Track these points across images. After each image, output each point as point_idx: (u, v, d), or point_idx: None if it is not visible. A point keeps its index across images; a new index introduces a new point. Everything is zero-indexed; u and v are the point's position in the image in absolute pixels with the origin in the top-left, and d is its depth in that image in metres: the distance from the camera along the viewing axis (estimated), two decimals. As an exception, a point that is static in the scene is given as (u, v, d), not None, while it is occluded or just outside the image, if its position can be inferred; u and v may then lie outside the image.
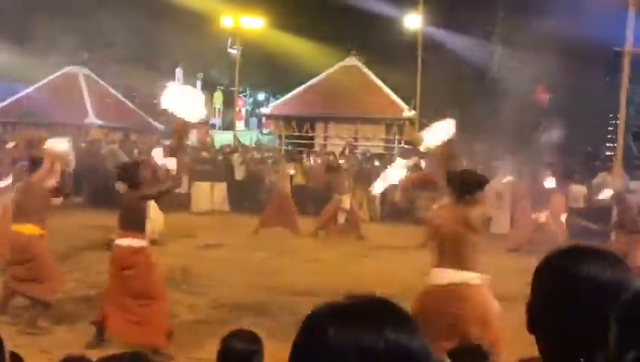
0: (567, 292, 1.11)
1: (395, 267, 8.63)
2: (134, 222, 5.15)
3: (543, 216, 10.87)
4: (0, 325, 5.30)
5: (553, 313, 1.13)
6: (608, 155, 19.30)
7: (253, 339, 2.74)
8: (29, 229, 5.84)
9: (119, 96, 23.34)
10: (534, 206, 11.11)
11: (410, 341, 0.84)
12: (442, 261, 4.11)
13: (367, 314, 0.85)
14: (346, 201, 11.70)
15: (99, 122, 20.71)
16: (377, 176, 15.10)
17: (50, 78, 22.11)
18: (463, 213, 4.08)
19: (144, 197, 5.27)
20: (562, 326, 1.12)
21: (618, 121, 16.71)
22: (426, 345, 0.86)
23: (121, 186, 5.41)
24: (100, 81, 23.23)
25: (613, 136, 20.87)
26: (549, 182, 11.35)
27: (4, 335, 1.36)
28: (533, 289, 1.18)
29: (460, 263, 4.06)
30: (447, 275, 4.08)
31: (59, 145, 6.26)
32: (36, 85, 21.92)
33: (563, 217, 11.36)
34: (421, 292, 4.21)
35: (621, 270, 1.13)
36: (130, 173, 5.31)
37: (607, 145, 22.55)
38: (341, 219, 11.82)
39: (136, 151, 15.69)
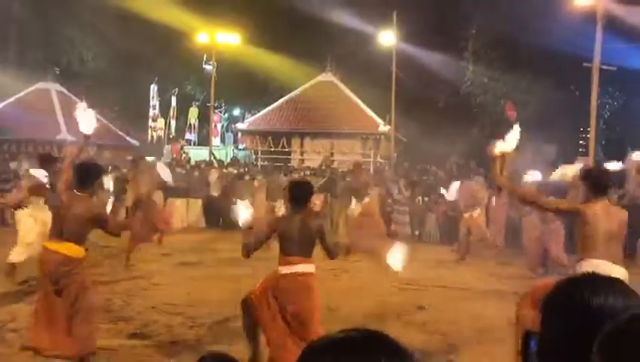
0: (582, 325, 1.03)
1: (373, 283, 8.61)
2: None
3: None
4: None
5: (568, 348, 1.05)
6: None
7: None
8: (67, 249, 4.65)
9: (93, 112, 23.07)
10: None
11: None
12: None
13: (362, 345, 0.87)
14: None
15: (71, 138, 20.41)
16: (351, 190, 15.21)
17: (22, 94, 21.79)
18: None
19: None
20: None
21: (589, 135, 17.07)
22: None
23: None
24: (73, 96, 22.94)
25: (584, 150, 21.29)
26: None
27: None
28: (543, 321, 1.10)
29: None
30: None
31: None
32: (7, 101, 21.58)
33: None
34: None
35: (631, 298, 1.07)
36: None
37: (578, 157, 22.93)
38: None
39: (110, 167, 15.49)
